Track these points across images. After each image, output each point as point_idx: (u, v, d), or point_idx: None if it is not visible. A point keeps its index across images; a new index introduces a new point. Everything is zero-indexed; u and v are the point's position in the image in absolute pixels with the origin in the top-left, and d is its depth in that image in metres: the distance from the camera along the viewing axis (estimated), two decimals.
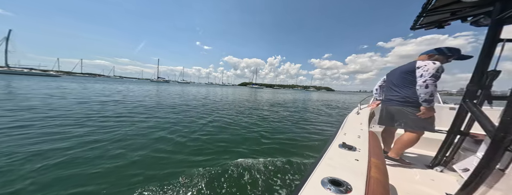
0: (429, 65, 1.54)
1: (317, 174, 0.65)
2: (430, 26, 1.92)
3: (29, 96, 8.04)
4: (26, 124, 3.83)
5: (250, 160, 2.69)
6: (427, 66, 1.55)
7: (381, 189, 0.61)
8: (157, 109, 6.84)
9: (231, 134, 4.22)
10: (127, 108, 6.72)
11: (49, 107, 5.75)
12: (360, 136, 1.14)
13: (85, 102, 7.32)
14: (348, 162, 0.76)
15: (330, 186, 0.57)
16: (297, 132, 4.75)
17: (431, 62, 1.56)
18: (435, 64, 1.53)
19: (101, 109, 6.12)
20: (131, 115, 5.44)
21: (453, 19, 1.73)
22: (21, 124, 3.79)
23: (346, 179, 0.62)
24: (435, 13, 1.64)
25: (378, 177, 0.68)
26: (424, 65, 1.57)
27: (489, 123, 1.14)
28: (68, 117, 4.65)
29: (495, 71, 1.32)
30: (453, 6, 1.52)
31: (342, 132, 1.21)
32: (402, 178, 1.60)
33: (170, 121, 5.07)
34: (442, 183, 1.53)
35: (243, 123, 5.42)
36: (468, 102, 1.45)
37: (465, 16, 1.64)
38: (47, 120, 4.29)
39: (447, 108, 3.15)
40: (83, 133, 3.50)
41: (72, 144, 2.94)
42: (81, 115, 5.02)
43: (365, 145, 0.97)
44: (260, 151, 3.25)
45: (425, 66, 1.56)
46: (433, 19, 1.80)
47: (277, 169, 2.48)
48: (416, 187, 1.47)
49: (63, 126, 3.88)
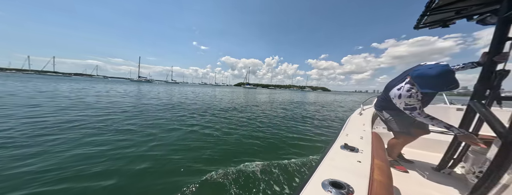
0: (395, 96, 1.47)
1: (318, 176, 0.66)
2: (434, 25, 1.87)
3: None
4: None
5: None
6: (394, 95, 1.48)
7: (384, 192, 0.60)
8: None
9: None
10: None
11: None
12: (363, 137, 1.18)
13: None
14: (350, 163, 0.77)
15: (330, 188, 0.57)
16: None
17: (400, 92, 1.44)
18: (400, 98, 1.44)
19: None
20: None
21: (458, 18, 1.69)
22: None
23: (348, 181, 0.62)
24: (440, 11, 1.59)
25: (382, 179, 0.67)
26: (395, 95, 1.47)
27: (499, 124, 1.09)
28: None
29: (505, 71, 1.27)
30: (458, 5, 1.47)
31: (344, 133, 1.29)
32: (408, 181, 1.55)
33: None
34: (450, 186, 1.47)
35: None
36: (476, 102, 1.40)
37: (471, 14, 1.60)
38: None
39: (454, 109, 3.06)
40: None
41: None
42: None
43: (368, 146, 0.99)
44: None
45: (395, 95, 1.48)
46: (438, 18, 1.75)
47: (275, 172, 2.43)
48: (422, 190, 1.42)
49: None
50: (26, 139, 3.16)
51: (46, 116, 4.95)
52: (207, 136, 4.07)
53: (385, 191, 0.60)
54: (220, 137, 4.09)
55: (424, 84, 1.28)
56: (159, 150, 3.10)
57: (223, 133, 4.38)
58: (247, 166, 2.58)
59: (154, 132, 4.13)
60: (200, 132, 4.41)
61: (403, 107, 1.44)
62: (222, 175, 2.32)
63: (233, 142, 3.78)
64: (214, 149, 3.32)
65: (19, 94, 9.04)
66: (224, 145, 3.58)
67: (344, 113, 10.38)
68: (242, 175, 2.37)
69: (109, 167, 2.43)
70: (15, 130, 3.58)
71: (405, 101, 1.42)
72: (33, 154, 2.63)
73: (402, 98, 1.43)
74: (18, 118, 4.50)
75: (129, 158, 2.72)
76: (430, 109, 3.19)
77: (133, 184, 2.16)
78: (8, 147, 2.79)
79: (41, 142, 3.10)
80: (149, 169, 2.48)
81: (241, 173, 2.40)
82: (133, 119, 5.38)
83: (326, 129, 5.69)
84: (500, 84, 1.29)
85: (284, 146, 3.75)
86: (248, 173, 2.41)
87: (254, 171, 2.46)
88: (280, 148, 3.61)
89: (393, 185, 0.69)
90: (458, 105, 3.16)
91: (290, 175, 2.43)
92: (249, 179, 2.28)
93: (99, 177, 2.18)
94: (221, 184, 2.18)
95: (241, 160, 2.85)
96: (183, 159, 2.81)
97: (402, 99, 1.43)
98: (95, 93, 12.78)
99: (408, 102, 1.41)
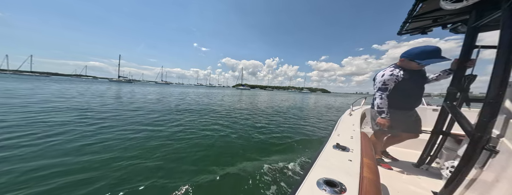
0: (378, 77, 1.65)
1: (313, 175, 0.69)
2: (414, 32, 1.97)
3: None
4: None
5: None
6: (378, 78, 1.66)
7: (373, 188, 0.64)
8: None
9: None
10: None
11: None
12: (352, 136, 1.25)
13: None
14: (342, 162, 0.81)
15: (325, 187, 0.60)
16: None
17: (384, 72, 1.63)
18: (382, 77, 1.61)
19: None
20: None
21: (435, 25, 1.80)
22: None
23: (340, 179, 0.66)
24: (420, 19, 1.67)
25: (370, 177, 0.71)
26: (379, 76, 1.66)
27: (468, 123, 1.20)
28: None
29: (472, 76, 1.42)
30: (435, 14, 1.57)
31: (336, 133, 1.33)
32: (392, 177, 1.66)
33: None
34: (428, 181, 1.58)
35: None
36: (449, 104, 1.51)
37: (445, 23, 1.71)
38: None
39: (430, 110, 3.17)
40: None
41: None
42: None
43: (358, 145, 1.04)
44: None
45: (378, 78, 1.66)
46: (418, 25, 1.84)
47: (272, 172, 2.49)
48: (404, 185, 1.51)
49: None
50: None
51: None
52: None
53: (374, 188, 0.64)
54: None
55: (423, 56, 1.49)
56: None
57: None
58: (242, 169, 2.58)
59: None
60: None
61: (379, 86, 1.62)
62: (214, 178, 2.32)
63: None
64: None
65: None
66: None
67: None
68: (238, 177, 2.39)
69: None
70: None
71: (384, 80, 1.59)
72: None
73: (383, 77, 1.60)
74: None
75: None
76: None
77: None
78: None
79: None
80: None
81: (237, 175, 2.42)
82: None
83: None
84: (469, 87, 1.44)
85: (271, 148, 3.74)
86: (242, 175, 2.43)
87: (250, 172, 2.50)
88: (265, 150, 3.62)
89: (380, 181, 0.73)
90: (433, 106, 3.32)
91: (287, 174, 2.51)
92: (245, 180, 2.31)
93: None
94: (217, 186, 2.20)
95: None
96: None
97: (382, 78, 1.60)
98: (34, 93, 10.80)
99: (386, 81, 1.59)
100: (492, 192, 0.93)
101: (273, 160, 2.87)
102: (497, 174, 0.94)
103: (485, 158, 1.03)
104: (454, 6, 1.18)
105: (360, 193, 0.58)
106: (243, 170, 2.46)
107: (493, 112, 1.00)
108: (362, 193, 0.58)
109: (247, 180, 2.26)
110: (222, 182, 2.24)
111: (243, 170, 2.47)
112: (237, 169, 2.52)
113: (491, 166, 1.01)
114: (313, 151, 3.39)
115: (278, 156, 3.14)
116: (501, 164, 0.95)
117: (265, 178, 2.32)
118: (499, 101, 0.99)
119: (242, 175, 2.36)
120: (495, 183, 0.93)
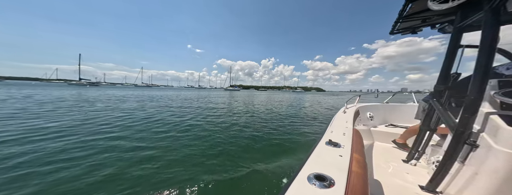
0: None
1: (305, 170, 0.71)
2: (405, 32, 2.04)
3: None
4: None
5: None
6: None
7: (361, 182, 0.66)
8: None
9: None
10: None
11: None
12: (345, 133, 1.28)
13: None
14: (333, 158, 0.84)
15: (315, 181, 0.63)
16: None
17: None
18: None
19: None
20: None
21: (424, 25, 1.87)
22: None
23: (330, 174, 0.68)
24: (410, 19, 1.73)
25: (359, 171, 0.73)
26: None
27: (451, 119, 1.25)
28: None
29: (457, 74, 1.51)
30: (424, 14, 1.63)
31: (330, 130, 1.37)
32: (381, 171, 1.71)
33: None
34: (415, 176, 1.63)
35: None
36: (435, 101, 1.57)
37: (434, 23, 1.79)
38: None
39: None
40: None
41: None
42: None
43: (349, 142, 1.07)
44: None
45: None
46: (408, 25, 1.90)
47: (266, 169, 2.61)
48: (393, 180, 1.56)
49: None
50: None
51: None
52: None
53: (361, 181, 0.66)
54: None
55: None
56: None
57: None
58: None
59: None
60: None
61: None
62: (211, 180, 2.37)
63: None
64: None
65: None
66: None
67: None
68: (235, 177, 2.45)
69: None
70: None
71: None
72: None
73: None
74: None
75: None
76: (400, 107, 3.55)
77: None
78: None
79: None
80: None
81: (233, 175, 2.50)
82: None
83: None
84: (454, 84, 1.52)
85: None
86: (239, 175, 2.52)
87: (247, 171, 2.61)
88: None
89: (368, 175, 0.74)
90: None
91: (282, 171, 2.63)
92: (242, 180, 2.39)
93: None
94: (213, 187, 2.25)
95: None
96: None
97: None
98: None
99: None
100: (472, 184, 1.04)
101: (261, 159, 3.02)
102: (477, 167, 1.03)
103: (467, 153, 1.09)
104: (441, 7, 1.25)
105: (347, 186, 0.61)
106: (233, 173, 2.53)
107: (474, 108, 1.07)
108: (349, 186, 0.61)
109: (241, 181, 2.34)
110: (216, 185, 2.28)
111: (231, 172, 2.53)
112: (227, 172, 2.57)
113: (472, 160, 1.08)
114: (308, 148, 3.20)
115: (270, 156, 3.23)
116: (481, 158, 1.03)
117: (257, 176, 2.43)
118: (480, 97, 1.06)
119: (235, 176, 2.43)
120: (475, 175, 1.03)
